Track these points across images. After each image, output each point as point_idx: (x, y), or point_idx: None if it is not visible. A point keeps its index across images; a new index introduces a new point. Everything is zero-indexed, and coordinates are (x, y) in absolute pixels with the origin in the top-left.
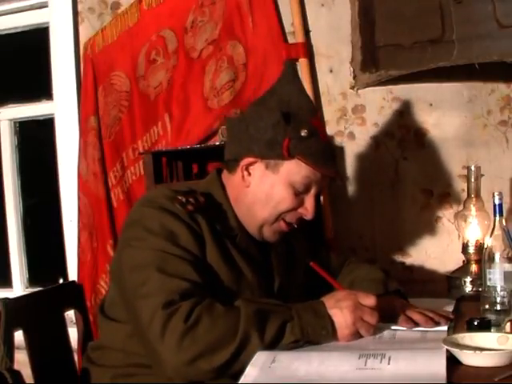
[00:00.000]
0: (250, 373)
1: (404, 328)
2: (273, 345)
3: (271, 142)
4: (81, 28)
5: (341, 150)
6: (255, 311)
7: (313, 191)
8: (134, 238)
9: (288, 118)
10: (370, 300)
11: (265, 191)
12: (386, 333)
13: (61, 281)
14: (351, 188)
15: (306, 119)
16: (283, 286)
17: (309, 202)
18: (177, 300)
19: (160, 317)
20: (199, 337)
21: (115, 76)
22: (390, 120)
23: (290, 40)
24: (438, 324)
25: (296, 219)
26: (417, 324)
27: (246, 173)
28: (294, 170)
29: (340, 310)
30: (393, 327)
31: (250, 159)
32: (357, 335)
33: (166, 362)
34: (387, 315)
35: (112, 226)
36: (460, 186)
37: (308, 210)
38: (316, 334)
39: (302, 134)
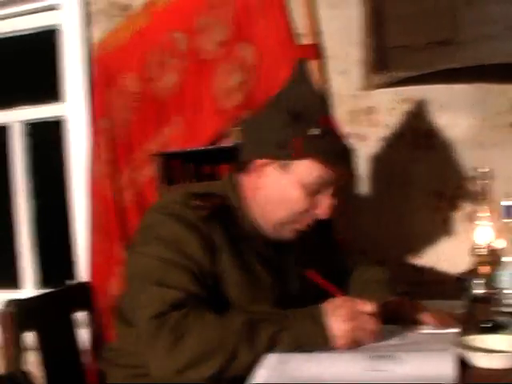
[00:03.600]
0: (261, 374)
1: (416, 330)
2: (265, 355)
3: (281, 143)
4: (92, 30)
5: (351, 151)
6: (246, 321)
7: (327, 192)
8: (141, 244)
9: (298, 118)
10: (368, 307)
11: (278, 192)
12: (395, 335)
13: (71, 282)
14: (362, 189)
15: (317, 118)
16: (301, 289)
17: (324, 202)
18: (167, 310)
19: (150, 328)
20: (188, 347)
21: (126, 78)
22: (400, 121)
23: (301, 41)
24: (449, 325)
25: (311, 220)
26: (428, 326)
27: (258, 174)
28: (306, 170)
29: (337, 318)
30: (414, 329)
31: (263, 160)
32: (355, 344)
33: (155, 371)
34: (398, 317)
35: (123, 228)
36: (470, 187)
37: (323, 210)
38: (311, 342)
39: (313, 132)
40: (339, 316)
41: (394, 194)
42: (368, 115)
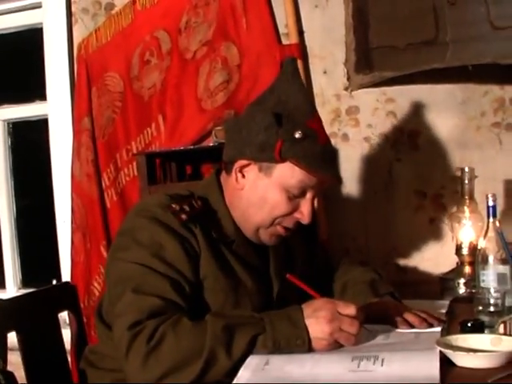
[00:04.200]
0: (243, 375)
1: (399, 330)
2: (243, 359)
3: (264, 145)
4: (74, 29)
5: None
6: (223, 327)
7: (309, 195)
8: (121, 248)
9: (282, 120)
10: (349, 309)
11: (258, 195)
12: (379, 335)
13: (54, 282)
14: (345, 189)
15: (302, 120)
16: (283, 291)
17: (305, 206)
18: (143, 319)
19: (125, 338)
20: (163, 356)
21: (109, 77)
22: (383, 121)
23: (284, 41)
24: (432, 325)
25: (293, 223)
26: (412, 326)
27: (240, 175)
28: (288, 173)
29: (317, 320)
30: (397, 330)
31: (244, 162)
32: (335, 345)
33: (133, 381)
34: (381, 317)
35: (105, 227)
36: (454, 187)
37: (304, 214)
38: (290, 344)
39: (296, 135)
40: (319, 318)
41: (378, 193)
42: (351, 115)
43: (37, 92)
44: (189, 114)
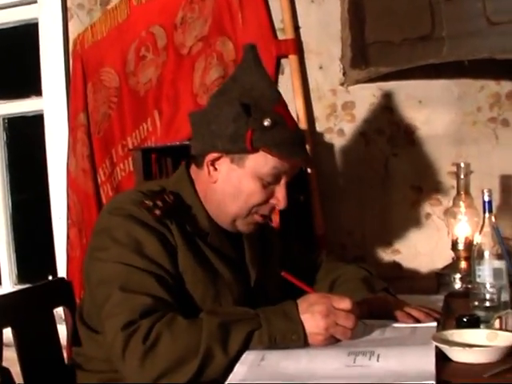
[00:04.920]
0: (239, 371)
1: (403, 324)
2: (240, 355)
3: (234, 136)
4: (70, 24)
5: (330, 146)
6: (218, 324)
7: (283, 181)
8: (99, 249)
9: (250, 109)
10: (344, 303)
11: (233, 186)
12: (375, 330)
13: (50, 278)
14: (341, 185)
15: (270, 108)
16: (260, 281)
17: (280, 192)
18: (136, 319)
19: (120, 339)
20: (160, 356)
21: (104, 72)
22: (379, 117)
23: (280, 36)
24: (437, 320)
25: (269, 210)
26: (417, 320)
27: (212, 168)
28: (261, 162)
29: (312, 315)
30: (390, 324)
31: (215, 154)
32: (331, 340)
33: (130, 382)
34: (382, 312)
35: None
36: (449, 182)
37: (280, 200)
38: (286, 339)
39: (265, 123)
40: (314, 313)
41: (374, 189)
42: (347, 110)
43: (32, 87)
44: (185, 109)
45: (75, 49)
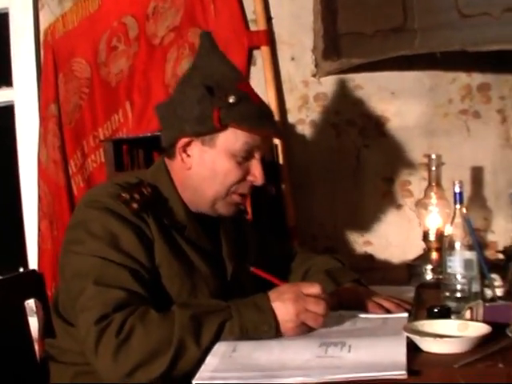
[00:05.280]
0: (211, 362)
1: (374, 315)
2: (212, 347)
3: (201, 117)
4: (41, 14)
5: (302, 137)
6: (190, 316)
7: (257, 156)
8: (75, 242)
9: (212, 90)
10: (314, 289)
11: (208, 169)
12: (346, 321)
13: (21, 270)
14: (313, 176)
15: (233, 86)
16: (236, 274)
17: (255, 168)
18: (110, 313)
19: (93, 333)
20: (133, 349)
21: (76, 63)
22: (351, 108)
23: (252, 27)
24: (408, 310)
25: (248, 188)
26: (387, 310)
27: (184, 155)
28: (231, 139)
29: (282, 302)
30: (361, 315)
31: (185, 140)
32: (303, 328)
33: (105, 377)
34: (353, 303)
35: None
36: (421, 174)
37: (256, 176)
38: (258, 330)
39: (230, 100)
40: (284, 300)
41: (345, 180)
42: (319, 102)
43: (3, 78)
44: (156, 100)
45: (46, 39)
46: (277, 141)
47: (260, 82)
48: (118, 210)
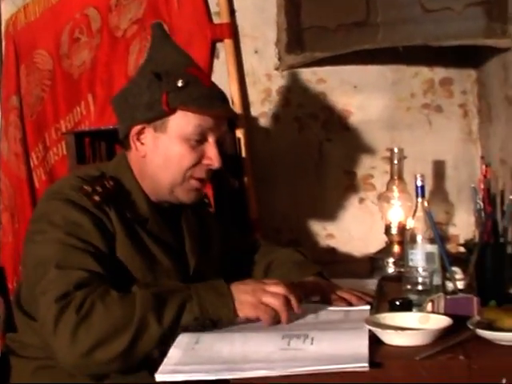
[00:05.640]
0: (174, 354)
1: (336, 308)
2: (173, 326)
3: (150, 103)
4: (2, 5)
5: (265, 131)
6: (152, 295)
7: (211, 139)
8: (36, 232)
9: (160, 76)
10: (274, 281)
11: (162, 154)
12: (308, 313)
13: None
14: (275, 169)
15: (181, 71)
16: (199, 268)
17: (210, 150)
18: (71, 291)
19: (53, 310)
20: (93, 326)
21: (38, 54)
22: (314, 102)
23: (216, 20)
24: (369, 303)
25: (205, 173)
26: (349, 303)
27: (138, 143)
28: (182, 122)
29: (240, 289)
30: (324, 308)
31: (138, 127)
32: (261, 308)
33: (62, 357)
34: (316, 296)
35: (34, 207)
36: (383, 167)
37: (212, 158)
38: (217, 311)
39: (179, 84)
40: (243, 288)
41: (308, 173)
42: (282, 95)
43: None
44: None
45: (7, 30)
46: (240, 134)
47: (223, 75)
48: (80, 201)
